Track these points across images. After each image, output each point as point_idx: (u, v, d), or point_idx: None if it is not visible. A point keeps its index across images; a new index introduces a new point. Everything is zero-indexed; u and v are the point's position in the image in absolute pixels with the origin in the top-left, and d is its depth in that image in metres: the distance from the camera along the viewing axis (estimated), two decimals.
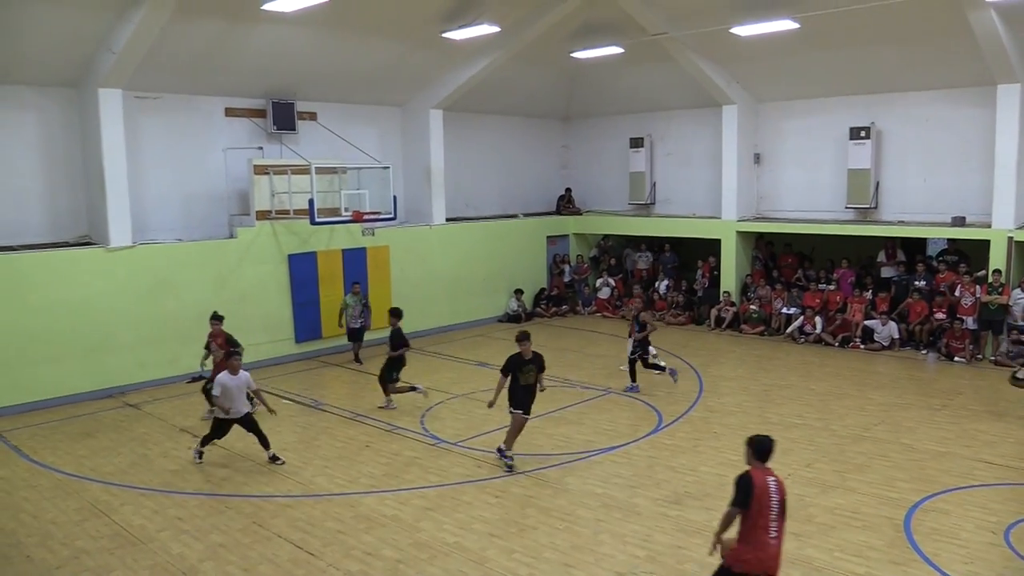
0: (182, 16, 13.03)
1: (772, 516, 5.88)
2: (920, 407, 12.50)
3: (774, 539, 5.89)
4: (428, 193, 19.12)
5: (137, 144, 14.76)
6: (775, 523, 5.89)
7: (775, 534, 5.89)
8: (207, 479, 10.06)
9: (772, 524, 5.87)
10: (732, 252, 19.45)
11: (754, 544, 5.87)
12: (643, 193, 21.40)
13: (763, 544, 5.87)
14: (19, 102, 13.75)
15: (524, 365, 10.06)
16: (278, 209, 15.96)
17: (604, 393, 13.69)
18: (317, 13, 13.78)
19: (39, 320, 13.16)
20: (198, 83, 15.40)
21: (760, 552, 5.87)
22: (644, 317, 13.79)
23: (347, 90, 17.63)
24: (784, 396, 13.30)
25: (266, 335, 16.04)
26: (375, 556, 7.87)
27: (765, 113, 19.54)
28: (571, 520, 8.60)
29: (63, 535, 8.51)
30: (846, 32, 15.79)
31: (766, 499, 5.89)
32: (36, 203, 14.12)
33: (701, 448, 10.81)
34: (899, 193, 17.50)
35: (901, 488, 9.27)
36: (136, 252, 14.31)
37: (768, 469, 6.09)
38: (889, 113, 17.48)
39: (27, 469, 10.58)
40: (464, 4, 15.44)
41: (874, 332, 16.68)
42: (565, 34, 18.11)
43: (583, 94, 21.89)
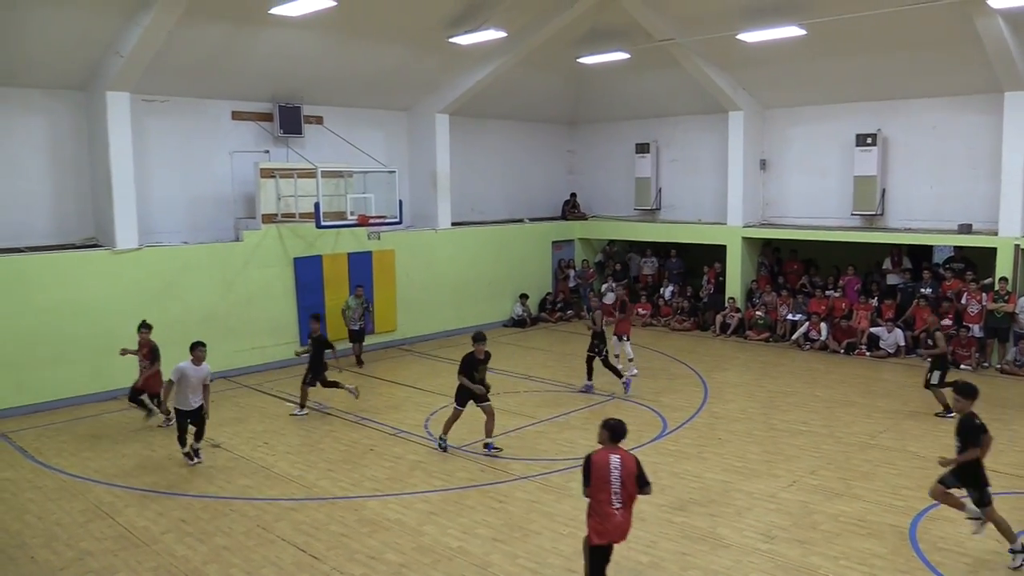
0: (190, 20, 13.08)
1: (614, 489, 6.44)
2: (926, 415, 12.44)
3: (618, 510, 6.45)
4: (434, 197, 19.15)
5: (144, 147, 14.81)
6: (617, 495, 6.43)
7: (619, 505, 6.43)
8: (211, 482, 10.07)
9: (615, 496, 6.43)
10: (737, 258, 19.43)
11: (601, 516, 6.45)
12: (649, 199, 21.39)
13: (608, 515, 6.43)
14: (28, 105, 13.82)
15: (479, 364, 10.78)
16: (284, 212, 15.99)
17: (609, 398, 13.67)
18: (324, 17, 13.82)
19: (45, 322, 13.19)
20: (205, 87, 15.45)
21: (606, 522, 6.43)
22: (597, 316, 13.98)
23: (354, 94, 17.68)
24: (789, 403, 13.27)
25: (271, 338, 16.07)
26: (379, 560, 7.86)
27: (771, 119, 19.53)
28: (575, 526, 8.56)
29: (68, 536, 8.52)
30: (853, 39, 15.78)
31: (606, 475, 6.45)
32: (43, 205, 14.18)
33: (706, 454, 10.78)
34: (905, 200, 17.47)
35: (907, 496, 9.23)
36: (142, 255, 14.35)
37: (617, 448, 6.63)
38: (896, 120, 17.45)
39: (32, 470, 10.60)
40: (471, 9, 15.48)
41: (880, 339, 16.63)
42: (572, 39, 18.14)
43: (589, 99, 21.91)
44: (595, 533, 6.50)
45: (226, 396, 14.10)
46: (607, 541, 6.56)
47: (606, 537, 6.53)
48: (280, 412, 13.06)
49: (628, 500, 6.50)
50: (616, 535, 6.55)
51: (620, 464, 6.48)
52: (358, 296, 16.27)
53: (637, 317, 20.52)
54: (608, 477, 6.44)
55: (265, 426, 12.40)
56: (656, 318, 20.47)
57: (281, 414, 12.98)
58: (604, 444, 6.65)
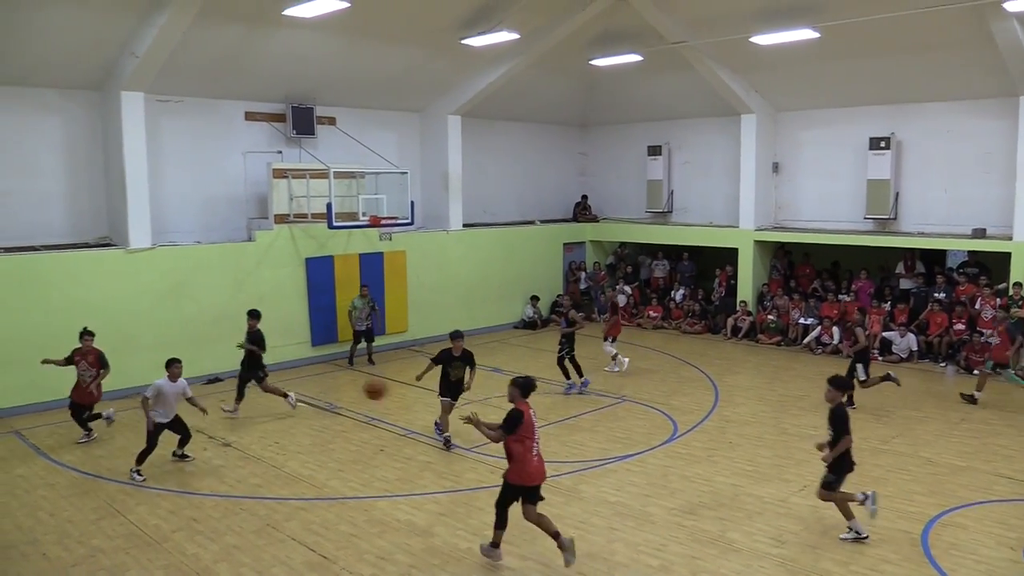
0: (204, 21, 13.14)
1: (537, 438, 7.58)
2: (939, 420, 12.38)
3: (536, 455, 7.58)
4: (445, 199, 19.18)
5: (158, 147, 14.89)
6: (537, 444, 7.59)
7: (537, 452, 7.57)
8: (222, 481, 10.11)
9: (536, 445, 7.57)
10: (749, 261, 19.38)
11: (523, 462, 7.49)
12: (661, 201, 21.36)
13: (528, 461, 7.51)
14: (44, 105, 13.92)
15: (453, 361, 11.24)
16: (296, 213, 16.05)
17: (619, 401, 13.65)
18: (337, 19, 13.86)
19: (59, 320, 13.25)
20: (219, 87, 15.53)
21: (528, 467, 7.52)
22: (572, 315, 14.29)
23: (366, 95, 17.73)
24: (801, 407, 13.21)
25: (283, 338, 16.10)
26: (388, 560, 7.87)
27: (784, 122, 19.46)
28: (585, 528, 8.57)
29: (79, 533, 8.57)
30: (867, 42, 15.72)
31: (531, 426, 7.55)
32: (58, 204, 14.28)
33: (716, 458, 10.75)
34: (919, 204, 17.38)
35: (919, 502, 9.18)
36: (156, 254, 14.43)
37: (528, 404, 7.66)
38: (909, 124, 17.37)
39: (45, 467, 10.67)
40: (484, 11, 15.50)
41: (892, 344, 16.54)
42: (584, 42, 18.13)
43: (601, 101, 21.89)
44: (518, 476, 7.55)
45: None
46: (529, 483, 7.53)
47: (529, 480, 7.53)
48: (291, 412, 13.09)
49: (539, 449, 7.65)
50: (537, 478, 7.58)
51: (534, 418, 7.62)
52: (363, 296, 16.31)
53: (648, 320, 20.52)
54: (533, 429, 7.55)
55: (276, 426, 12.44)
56: (667, 321, 20.42)
57: (292, 414, 13.01)
58: (516, 400, 7.64)
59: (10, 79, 13.36)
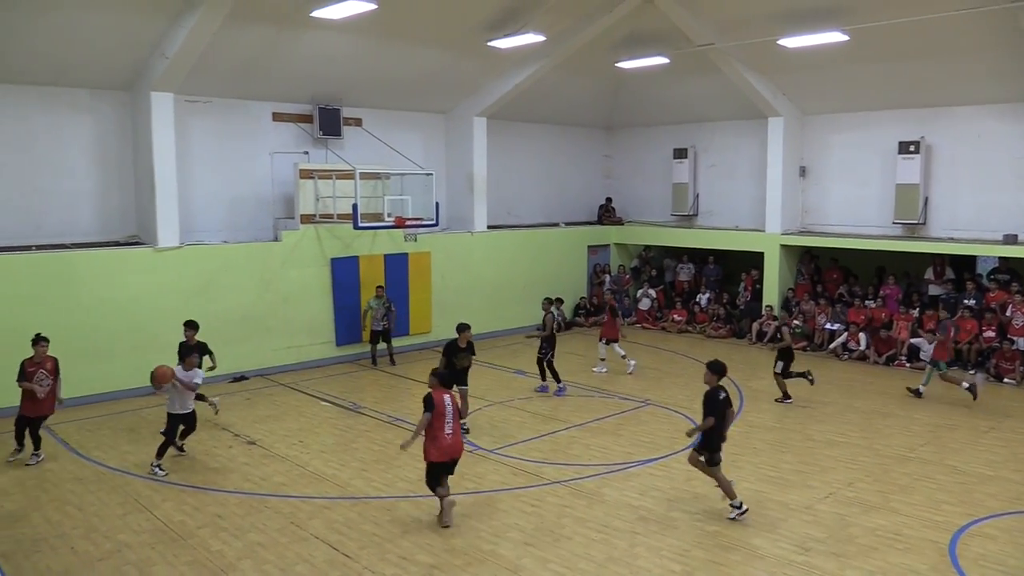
0: (233, 22, 13.26)
1: (447, 420, 8.64)
2: (967, 428, 12.22)
3: (449, 435, 8.65)
4: (470, 200, 19.21)
5: (186, 147, 15.05)
6: (449, 424, 8.66)
7: (450, 432, 8.65)
8: (246, 478, 10.18)
9: (447, 425, 8.64)
10: (775, 266, 19.24)
11: (435, 440, 8.60)
12: (686, 204, 21.27)
13: (441, 439, 8.60)
14: (75, 104, 14.12)
15: (459, 352, 11.90)
16: (322, 213, 16.15)
17: (643, 405, 13.59)
18: (364, 20, 13.93)
19: (88, 317, 13.45)
20: (247, 88, 15.67)
21: (441, 444, 8.61)
22: (547, 319, 14.53)
23: (392, 97, 17.81)
24: (826, 413, 13.09)
25: (307, 337, 16.23)
26: (410, 561, 7.89)
27: (812, 126, 19.30)
28: (607, 532, 8.54)
29: (106, 528, 8.67)
30: (896, 45, 15.55)
31: (442, 409, 8.62)
32: (88, 203, 14.47)
33: (740, 463, 10.66)
34: (949, 209, 17.17)
35: (947, 511, 9.06)
36: (183, 253, 14.57)
37: (446, 390, 8.90)
38: (939, 128, 17.16)
39: (73, 462, 10.81)
40: (510, 13, 15.51)
41: (920, 350, 16.33)
42: (610, 44, 18.10)
43: (627, 104, 21.84)
44: (433, 453, 8.66)
45: (262, 394, 14.27)
46: (443, 459, 8.69)
47: (442, 456, 8.67)
48: (315, 411, 13.17)
49: (457, 428, 8.77)
50: (451, 453, 8.74)
51: (451, 402, 8.75)
52: (379, 296, 16.37)
53: (673, 324, 20.43)
54: (443, 411, 8.60)
55: (300, 424, 12.52)
56: (692, 325, 20.32)
57: (316, 413, 13.09)
58: (435, 388, 8.73)
59: (44, 79, 13.57)
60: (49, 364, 10.64)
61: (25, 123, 13.66)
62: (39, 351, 10.59)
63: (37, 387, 10.45)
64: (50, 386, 10.62)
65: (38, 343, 10.63)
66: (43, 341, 10.65)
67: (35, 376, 10.46)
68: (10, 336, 12.05)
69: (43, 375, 10.52)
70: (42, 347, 10.61)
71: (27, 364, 10.54)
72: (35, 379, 10.45)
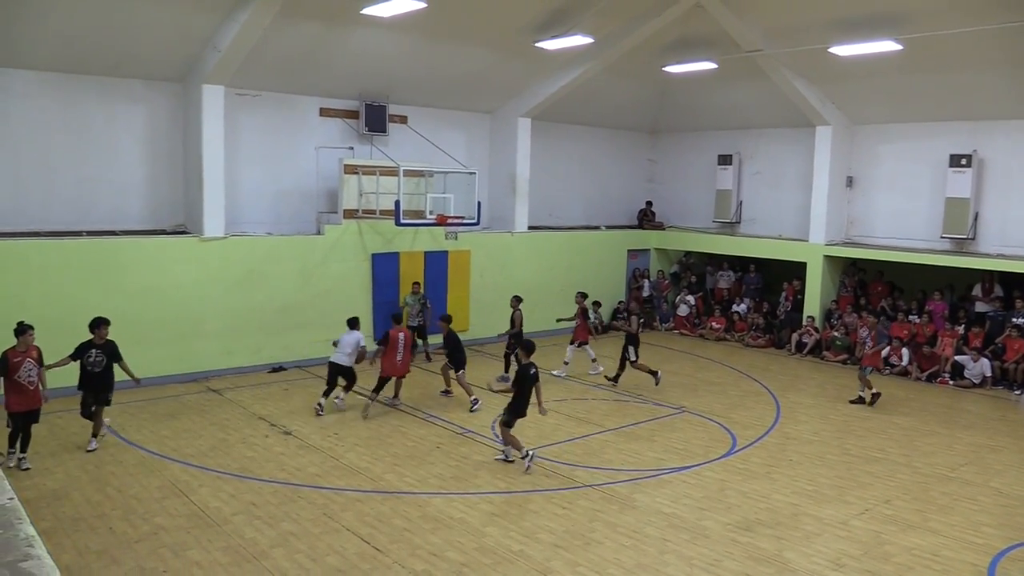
0: (284, 17, 13.44)
1: (399, 349, 12.53)
2: (1012, 450, 11.93)
3: (401, 360, 12.73)
4: (512, 200, 19.24)
5: (235, 139, 15.28)
6: (401, 353, 12.61)
7: (399, 358, 12.64)
8: (281, 468, 10.31)
9: (399, 353, 12.59)
10: (818, 276, 18.97)
11: (391, 359, 12.51)
12: (729, 211, 21.07)
13: (392, 360, 12.55)
14: (129, 95, 14.42)
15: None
16: (365, 208, 16.29)
17: (678, 412, 13.50)
18: (413, 19, 14.02)
19: (134, 303, 13.72)
20: (295, 82, 15.86)
21: (392, 363, 12.56)
22: (516, 316, 15.20)
23: (438, 95, 17.90)
24: (865, 428, 12.88)
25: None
26: (440, 557, 7.93)
27: (860, 135, 19.01)
28: (638, 538, 8.50)
29: (144, 511, 8.84)
30: (951, 56, 15.25)
31: (396, 341, 12.52)
32: (138, 191, 14.76)
33: (775, 475, 10.55)
34: (1000, 225, 16.78)
35: (987, 534, 8.86)
36: (228, 243, 14.80)
37: (401, 328, 12.98)
38: (993, 141, 16.79)
39: (114, 444, 11.04)
40: (559, 15, 15.51)
41: (965, 368, 16.01)
42: (658, 48, 17.99)
43: (673, 108, 21.71)
44: (388, 369, 12.62)
45: (299, 385, 14.44)
46: (393, 375, 12.73)
47: (392, 372, 12.69)
48: (350, 404, 13.28)
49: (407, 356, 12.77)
50: (397, 372, 12.75)
51: (404, 336, 12.64)
52: (415, 292, 16.46)
53: (711, 331, 20.26)
54: (396, 343, 12.49)
55: (336, 417, 12.64)
56: (730, 333, 20.13)
57: (351, 405, 13.20)
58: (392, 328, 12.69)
59: (101, 69, 13.89)
60: (35, 353, 9.95)
61: (81, 111, 13.99)
62: (25, 340, 9.88)
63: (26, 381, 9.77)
64: (38, 376, 9.91)
65: (25, 332, 9.90)
66: (30, 330, 9.93)
67: (21, 367, 9.77)
68: (61, 319, 12.33)
69: (30, 365, 9.83)
70: (29, 336, 9.91)
71: (11, 355, 9.79)
72: (22, 369, 9.77)
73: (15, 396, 9.84)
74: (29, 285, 12.81)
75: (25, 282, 12.80)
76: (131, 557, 7.74)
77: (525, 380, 10.51)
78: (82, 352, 10.57)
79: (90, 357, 10.59)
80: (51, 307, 12.75)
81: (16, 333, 9.90)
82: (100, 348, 10.70)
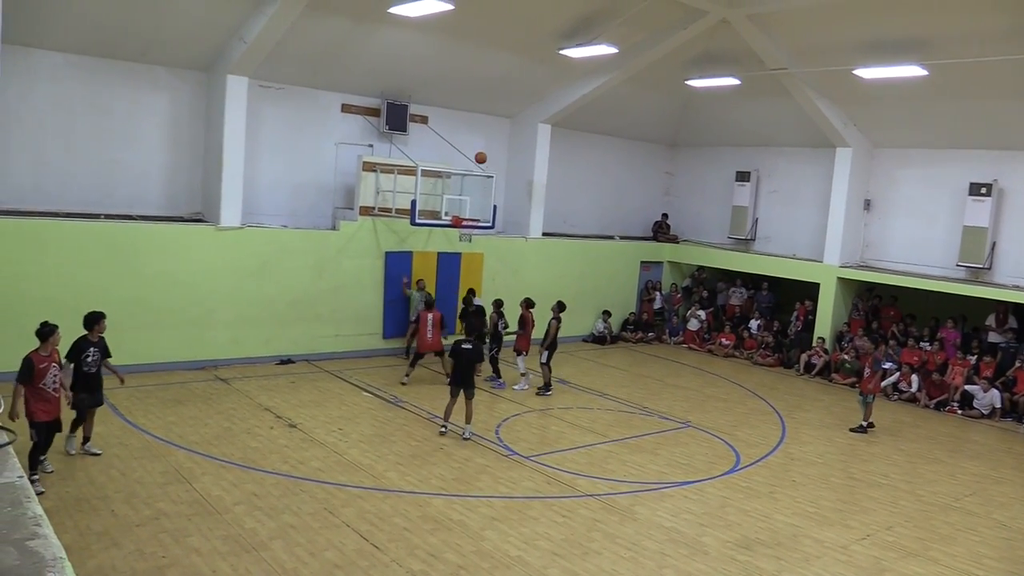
0: (312, 12, 13.51)
1: (429, 328, 14.08)
2: (1017, 483, 11.85)
3: (431, 338, 14.07)
4: (528, 206, 19.26)
5: (256, 130, 15.36)
6: (431, 331, 14.08)
7: (431, 336, 14.05)
8: (285, 460, 10.35)
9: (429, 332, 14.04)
10: (831, 298, 18.90)
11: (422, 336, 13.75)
12: (744, 228, 21.02)
13: (424, 338, 13.81)
14: (154, 81, 14.52)
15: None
16: (381, 206, 16.33)
17: (683, 426, 13.47)
18: (440, 20, 14.08)
19: (146, 288, 13.81)
20: (319, 78, 15.94)
21: (424, 339, 14.04)
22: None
23: (460, 97, 17.95)
24: (870, 452, 12.82)
25: (355, 327, 16.42)
26: (437, 558, 7.94)
27: (880, 159, 18.94)
28: (636, 550, 8.49)
29: (146, 495, 8.89)
30: (976, 83, 15.17)
31: (425, 321, 13.74)
32: (158, 177, 14.86)
33: (777, 495, 10.51)
34: (1017, 256, 16.66)
35: (988, 566, 8.81)
36: (243, 233, 14.87)
37: (431, 311, 13.82)
38: (1014, 171, 16.67)
39: (121, 428, 11.11)
40: (585, 23, 15.53)
41: (974, 398, 15.90)
42: (682, 61, 17.98)
43: (693, 122, 21.69)
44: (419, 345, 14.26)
45: (307, 379, 14.49)
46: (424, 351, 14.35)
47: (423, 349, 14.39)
48: (357, 400, 13.33)
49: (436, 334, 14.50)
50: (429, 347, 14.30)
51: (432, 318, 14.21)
52: (420, 289, 16.48)
53: (720, 347, 20.21)
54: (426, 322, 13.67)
55: (342, 412, 12.68)
56: (739, 350, 20.08)
57: (358, 402, 13.25)
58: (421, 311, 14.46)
59: (128, 55, 14.00)
60: (56, 355, 9.02)
61: (105, 96, 14.09)
62: (52, 342, 8.87)
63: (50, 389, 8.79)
64: (60, 380, 8.99)
65: (53, 333, 8.84)
66: (56, 330, 8.90)
67: (47, 373, 8.75)
68: (74, 299, 12.40)
69: (55, 370, 8.87)
70: (56, 337, 8.90)
71: (36, 359, 8.72)
72: (48, 376, 8.76)
73: (42, 404, 8.74)
74: (45, 265, 12.90)
75: (40, 261, 12.88)
76: (131, 540, 7.79)
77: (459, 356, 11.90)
78: (80, 351, 9.62)
79: (88, 356, 9.64)
80: (64, 288, 12.85)
81: (41, 335, 8.82)
82: (95, 345, 9.79)
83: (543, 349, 14.98)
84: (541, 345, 15.06)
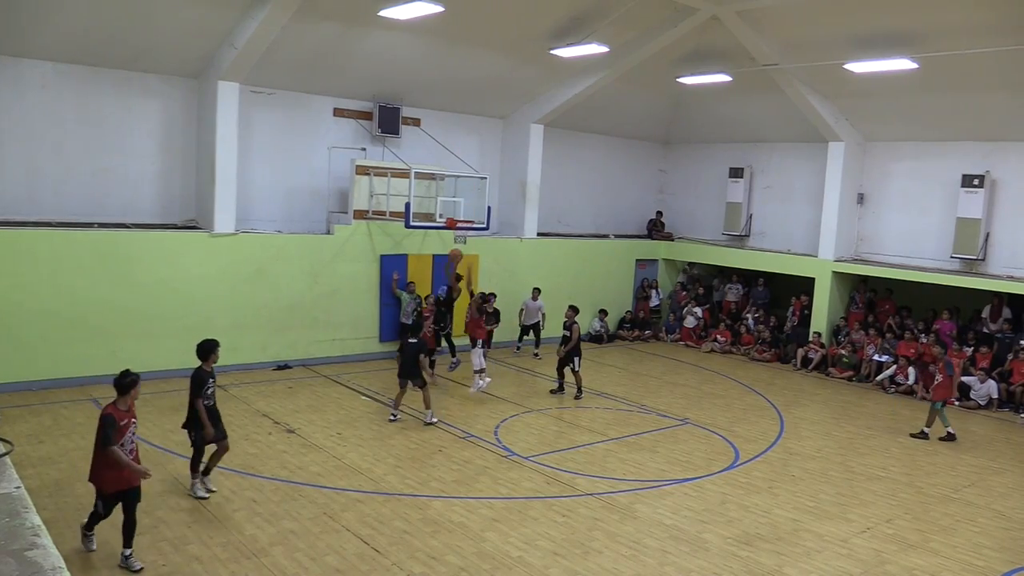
0: (302, 17, 13.50)
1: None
2: (1015, 473, 11.88)
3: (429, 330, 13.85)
4: (522, 206, 19.26)
5: (248, 136, 15.35)
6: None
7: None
8: (283, 466, 10.33)
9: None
10: (826, 292, 18.93)
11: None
12: (739, 224, 21.05)
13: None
14: (146, 89, 14.50)
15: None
16: (375, 210, 16.32)
17: (681, 423, 13.48)
18: (430, 22, 14.07)
19: (141, 297, 13.78)
20: (310, 82, 15.92)
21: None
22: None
23: (452, 99, 17.95)
24: (869, 446, 12.84)
25: (352, 331, 16.40)
26: (438, 561, 7.93)
27: (873, 152, 18.98)
28: (637, 548, 8.49)
29: (145, 504, 8.77)
30: (967, 76, 15.21)
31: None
32: (150, 185, 14.83)
33: (777, 490, 10.52)
34: (1011, 246, 16.71)
35: (988, 556, 8.82)
36: (237, 239, 14.85)
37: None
38: (1006, 162, 16.73)
39: None
40: (575, 23, 15.53)
41: (971, 389, 15.94)
42: (673, 59, 18.00)
43: (685, 119, 21.72)
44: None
45: (304, 384, 14.47)
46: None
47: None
48: (354, 404, 13.31)
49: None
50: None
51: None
52: (410, 292, 16.47)
53: (716, 343, 20.22)
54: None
55: (340, 417, 12.66)
56: (736, 346, 20.10)
57: (356, 406, 13.23)
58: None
59: (118, 63, 13.98)
60: (134, 410, 7.56)
61: (96, 104, 14.06)
62: (133, 394, 7.45)
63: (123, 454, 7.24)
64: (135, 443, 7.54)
65: (135, 385, 7.45)
66: (139, 381, 7.53)
67: (128, 430, 7.34)
68: (70, 309, 12.40)
69: (134, 427, 7.48)
70: (138, 389, 7.51)
71: (117, 415, 7.26)
72: (127, 434, 7.32)
73: (114, 471, 7.25)
74: (39, 275, 12.85)
75: (35, 272, 12.83)
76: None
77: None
78: (202, 384, 8.94)
79: (208, 389, 9.03)
80: (59, 298, 12.82)
81: (122, 387, 7.35)
82: (212, 376, 9.19)
83: (562, 353, 14.69)
84: (561, 347, 14.77)
